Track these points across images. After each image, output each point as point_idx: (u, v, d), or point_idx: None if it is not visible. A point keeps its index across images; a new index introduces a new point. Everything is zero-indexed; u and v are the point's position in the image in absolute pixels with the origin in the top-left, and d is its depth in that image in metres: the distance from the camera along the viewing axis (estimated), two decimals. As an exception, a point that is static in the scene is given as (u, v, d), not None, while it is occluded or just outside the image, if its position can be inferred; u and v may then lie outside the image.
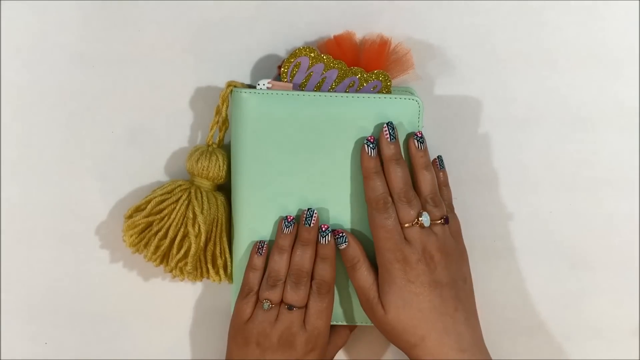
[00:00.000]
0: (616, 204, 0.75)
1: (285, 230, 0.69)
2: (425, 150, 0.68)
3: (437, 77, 0.72)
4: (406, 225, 0.66)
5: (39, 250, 0.76)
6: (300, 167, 0.69)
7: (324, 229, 0.69)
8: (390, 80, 0.68)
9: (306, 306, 0.68)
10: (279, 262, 0.69)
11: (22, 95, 0.73)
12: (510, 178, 0.75)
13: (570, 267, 0.76)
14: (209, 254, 0.72)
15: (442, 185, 0.70)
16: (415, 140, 0.68)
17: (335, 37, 0.69)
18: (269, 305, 0.68)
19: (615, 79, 0.73)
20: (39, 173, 0.74)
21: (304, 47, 0.67)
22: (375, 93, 0.68)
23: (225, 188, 0.73)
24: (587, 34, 0.72)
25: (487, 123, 0.73)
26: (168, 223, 0.71)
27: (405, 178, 0.67)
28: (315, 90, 0.68)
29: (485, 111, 0.73)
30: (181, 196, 0.71)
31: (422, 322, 0.65)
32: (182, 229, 0.70)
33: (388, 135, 0.67)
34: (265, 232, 0.70)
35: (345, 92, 0.68)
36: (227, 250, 0.72)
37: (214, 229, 0.72)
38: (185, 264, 0.71)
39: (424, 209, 0.67)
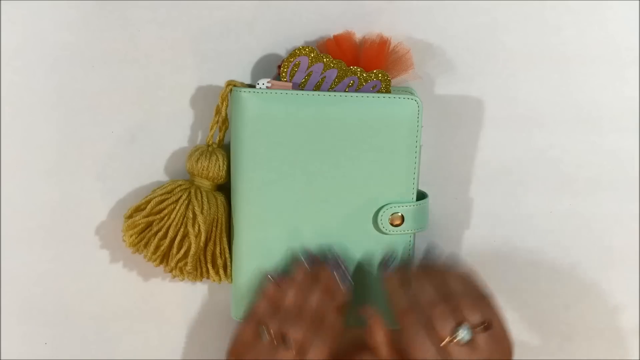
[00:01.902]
0: (616, 204, 0.75)
1: (305, 264, 0.69)
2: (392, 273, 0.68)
3: (437, 76, 0.72)
4: (444, 342, 0.59)
5: (39, 250, 0.76)
6: (300, 166, 0.69)
7: (346, 273, 0.68)
8: (389, 80, 0.68)
9: (306, 345, 0.63)
10: (289, 296, 0.67)
11: (22, 95, 0.73)
12: (510, 178, 0.75)
13: (570, 268, 0.76)
14: (209, 254, 0.72)
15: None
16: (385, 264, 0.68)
17: (335, 36, 0.69)
18: (267, 336, 0.64)
19: (615, 79, 0.73)
20: (39, 173, 0.74)
21: (303, 47, 0.67)
22: (374, 93, 0.68)
23: (225, 188, 0.73)
24: (588, 34, 0.72)
25: (487, 123, 0.73)
26: (168, 223, 0.71)
27: (430, 290, 0.62)
28: (315, 90, 0.68)
29: (485, 111, 0.73)
30: (181, 196, 0.71)
31: None
32: (182, 229, 0.71)
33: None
34: (265, 232, 0.70)
35: (345, 91, 0.68)
36: (227, 250, 0.72)
37: (214, 229, 0.72)
38: (185, 264, 0.71)
39: (461, 317, 0.59)
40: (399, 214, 0.70)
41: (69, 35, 0.71)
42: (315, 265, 0.69)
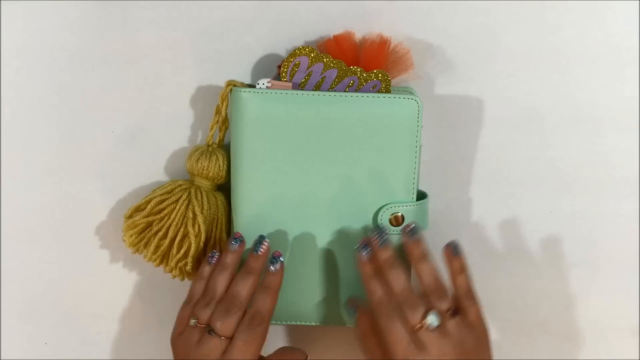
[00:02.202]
0: (616, 204, 0.75)
1: (232, 248, 0.68)
2: (419, 241, 0.67)
3: (437, 76, 0.72)
4: (415, 328, 0.62)
5: (39, 250, 0.76)
6: (300, 166, 0.69)
7: (275, 255, 0.68)
8: (389, 80, 0.68)
9: (233, 337, 0.64)
10: (219, 281, 0.67)
11: (22, 95, 0.73)
12: (510, 178, 0.75)
13: (570, 267, 0.76)
14: (209, 254, 0.72)
15: (457, 274, 0.66)
16: (409, 231, 0.67)
17: (335, 36, 0.69)
18: (195, 322, 0.66)
19: (615, 79, 0.73)
20: (39, 173, 0.74)
21: (303, 47, 0.67)
22: (374, 93, 0.68)
23: (225, 188, 0.73)
24: (587, 34, 0.72)
25: (487, 123, 0.73)
26: (168, 223, 0.71)
27: (402, 280, 0.65)
28: (315, 90, 0.68)
29: (485, 111, 0.73)
30: (181, 196, 0.71)
31: None
32: (182, 229, 0.70)
33: (377, 242, 0.66)
34: (264, 231, 0.70)
35: (345, 91, 0.68)
36: (227, 250, 0.72)
37: (214, 228, 0.72)
38: (186, 264, 0.71)
39: (429, 305, 0.63)
40: (399, 214, 0.70)
41: (69, 35, 0.71)
42: (258, 252, 0.68)
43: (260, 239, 0.68)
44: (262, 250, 0.68)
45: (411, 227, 0.68)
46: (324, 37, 0.70)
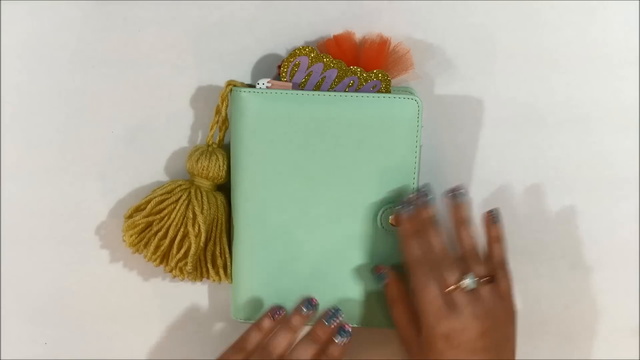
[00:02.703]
0: (616, 204, 0.75)
1: (304, 312, 0.69)
2: (462, 205, 0.68)
3: (437, 76, 0.72)
4: (449, 289, 0.64)
5: (39, 250, 0.76)
6: (300, 166, 0.69)
7: (345, 328, 0.68)
8: (389, 80, 0.68)
9: None
10: (281, 341, 0.67)
11: (22, 95, 0.73)
12: (510, 178, 0.75)
13: (570, 267, 0.76)
14: (209, 254, 0.72)
15: (493, 242, 0.68)
16: (454, 195, 0.68)
17: (335, 36, 0.69)
18: None
19: (615, 78, 0.73)
20: (39, 173, 0.74)
21: (303, 47, 0.67)
22: (374, 93, 0.68)
23: (225, 188, 0.73)
24: (587, 34, 0.72)
25: (487, 123, 0.73)
26: (168, 223, 0.71)
27: (441, 240, 0.66)
28: (315, 90, 0.68)
29: (485, 111, 0.73)
30: (181, 196, 0.71)
31: None
32: (182, 229, 0.70)
33: (420, 200, 0.67)
34: (264, 232, 0.70)
35: (345, 91, 0.68)
36: (227, 250, 0.72)
37: (214, 228, 0.72)
38: (186, 264, 0.71)
39: (467, 269, 0.65)
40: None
41: (69, 35, 0.71)
42: (313, 317, 0.69)
43: (336, 312, 0.68)
44: (335, 323, 0.68)
45: (459, 191, 0.68)
46: (324, 37, 0.70)
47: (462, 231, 0.67)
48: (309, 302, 0.69)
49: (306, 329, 0.70)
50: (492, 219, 0.68)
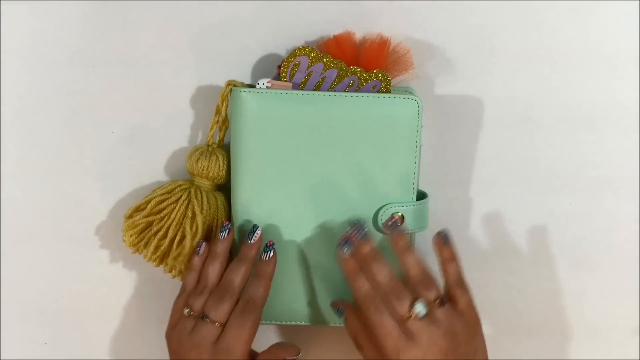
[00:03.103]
0: (616, 204, 0.75)
1: (220, 236, 0.69)
2: (401, 234, 0.67)
3: (437, 76, 0.72)
4: (404, 318, 0.63)
5: (39, 250, 0.76)
6: (300, 166, 0.69)
7: (268, 244, 0.68)
8: (389, 80, 0.68)
9: (226, 324, 0.65)
10: (211, 270, 0.68)
11: (22, 95, 0.73)
12: (510, 178, 0.75)
13: (570, 267, 0.76)
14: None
15: (447, 262, 0.67)
16: (390, 225, 0.68)
17: (335, 36, 0.69)
18: (189, 312, 0.66)
19: (615, 78, 0.73)
20: (39, 173, 0.74)
21: (303, 47, 0.67)
22: (374, 93, 0.68)
23: (225, 188, 0.73)
24: (587, 34, 0.72)
25: (487, 123, 0.73)
26: (168, 223, 0.71)
27: (387, 271, 0.65)
28: (315, 90, 0.68)
29: (485, 111, 0.73)
30: (181, 196, 0.71)
31: None
32: (182, 229, 0.70)
33: (357, 236, 0.66)
34: (264, 231, 0.70)
35: (345, 91, 0.68)
36: (227, 250, 0.72)
37: (214, 228, 0.72)
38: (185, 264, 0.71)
39: (417, 295, 0.63)
40: (399, 214, 0.70)
41: (69, 35, 0.71)
42: (250, 242, 0.69)
43: (254, 228, 0.69)
44: (255, 238, 0.68)
45: (392, 221, 0.68)
46: (324, 37, 0.70)
47: (407, 259, 0.66)
48: (222, 226, 0.69)
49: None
50: (441, 241, 0.67)
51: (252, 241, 0.68)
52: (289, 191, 0.69)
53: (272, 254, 0.68)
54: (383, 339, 0.63)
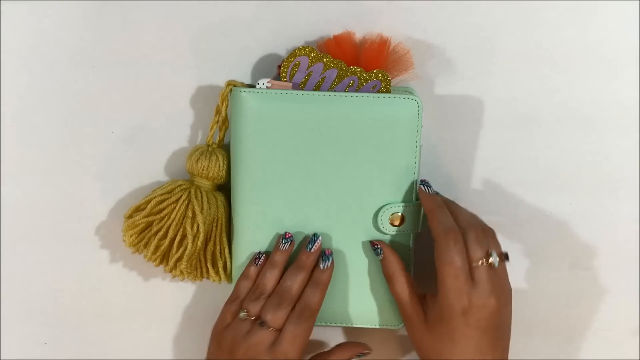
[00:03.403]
0: (616, 204, 0.75)
1: (282, 247, 0.69)
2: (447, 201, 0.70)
3: (437, 76, 0.72)
4: (474, 264, 0.64)
5: (39, 250, 0.76)
6: (300, 166, 0.69)
7: (327, 253, 0.69)
8: (389, 80, 0.68)
9: (282, 329, 0.66)
10: (269, 277, 0.69)
11: (22, 95, 0.73)
12: (510, 178, 0.75)
13: (570, 267, 0.76)
14: (208, 254, 0.72)
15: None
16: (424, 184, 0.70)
17: (335, 36, 0.69)
18: (245, 315, 0.67)
19: (615, 79, 0.73)
20: (39, 173, 0.74)
21: (303, 47, 0.67)
22: (374, 93, 0.68)
23: (225, 188, 0.73)
24: (587, 34, 0.72)
25: (487, 123, 0.73)
26: (168, 223, 0.71)
27: (470, 213, 0.67)
28: (315, 90, 0.68)
29: (485, 111, 0.73)
30: (181, 196, 0.71)
31: (461, 357, 0.64)
32: (182, 229, 0.70)
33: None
34: (264, 232, 0.70)
35: (345, 91, 0.68)
36: (227, 250, 0.72)
37: (214, 229, 0.72)
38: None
39: (487, 245, 0.65)
40: (399, 214, 0.70)
41: (69, 35, 0.71)
42: (300, 251, 0.70)
43: (315, 237, 0.69)
44: (315, 247, 0.69)
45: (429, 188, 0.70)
46: (324, 37, 0.70)
47: (463, 213, 0.68)
48: (284, 237, 0.70)
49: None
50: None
51: (312, 249, 0.69)
52: (289, 191, 0.69)
53: (330, 263, 0.69)
54: (445, 277, 0.64)
